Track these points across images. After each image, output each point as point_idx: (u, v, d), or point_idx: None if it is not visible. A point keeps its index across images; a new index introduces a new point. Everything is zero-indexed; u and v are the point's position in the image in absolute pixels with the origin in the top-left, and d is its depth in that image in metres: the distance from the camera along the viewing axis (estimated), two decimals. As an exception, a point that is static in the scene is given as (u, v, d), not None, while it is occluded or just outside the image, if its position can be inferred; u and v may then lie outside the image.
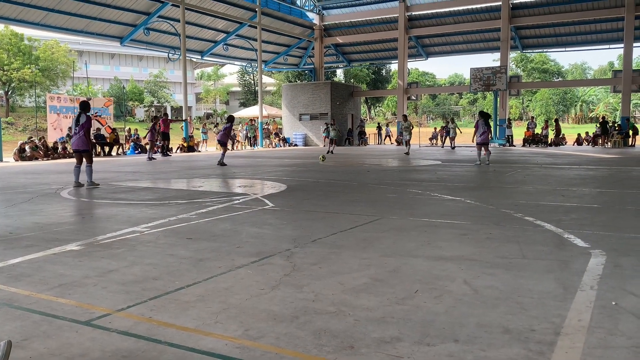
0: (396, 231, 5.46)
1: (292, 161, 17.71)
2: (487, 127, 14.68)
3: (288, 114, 35.40)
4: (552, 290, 3.43)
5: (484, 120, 14.74)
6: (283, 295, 3.37)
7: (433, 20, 33.60)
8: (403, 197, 8.23)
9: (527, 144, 29.45)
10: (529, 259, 4.26)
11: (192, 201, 7.94)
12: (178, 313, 3.08)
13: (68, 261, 4.33)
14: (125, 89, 46.76)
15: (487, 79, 30.16)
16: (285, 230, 5.57)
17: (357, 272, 3.90)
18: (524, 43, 33.89)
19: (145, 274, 3.92)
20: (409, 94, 34.94)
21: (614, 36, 30.79)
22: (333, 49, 38.12)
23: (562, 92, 65.23)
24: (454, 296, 3.33)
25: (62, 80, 42.74)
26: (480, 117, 14.98)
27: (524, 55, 62.78)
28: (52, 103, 23.09)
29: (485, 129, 14.63)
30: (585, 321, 2.87)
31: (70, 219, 6.66)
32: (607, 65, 69.50)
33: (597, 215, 6.34)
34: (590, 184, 9.94)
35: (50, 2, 22.96)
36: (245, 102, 61.66)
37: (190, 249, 4.73)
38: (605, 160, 16.50)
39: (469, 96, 71.82)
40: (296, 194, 8.80)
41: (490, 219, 6.09)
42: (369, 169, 14.25)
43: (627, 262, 4.10)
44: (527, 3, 30.61)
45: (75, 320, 2.97)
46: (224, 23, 30.66)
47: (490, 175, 11.91)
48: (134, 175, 12.79)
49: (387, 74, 67.79)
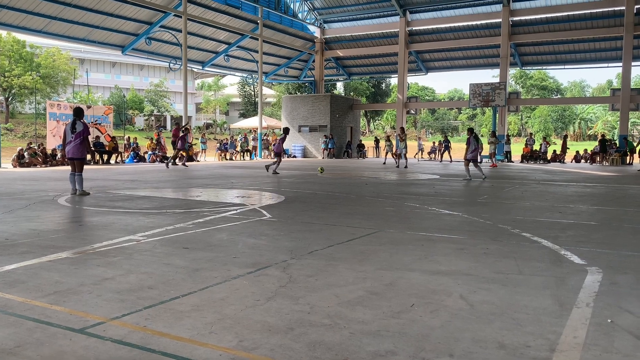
0: (393, 244, 5.46)
1: (290, 172, 17.72)
2: (477, 143, 15.01)
3: (287, 125, 35.46)
4: (548, 306, 3.43)
5: (475, 137, 15.03)
6: (278, 307, 3.36)
7: (433, 35, 33.85)
8: (401, 211, 8.23)
9: (525, 160, 29.54)
10: (525, 274, 4.25)
11: (189, 211, 7.93)
12: (173, 322, 3.06)
13: (63, 268, 4.31)
14: (125, 97, 46.88)
15: (486, 95, 30.30)
16: (282, 242, 5.56)
17: (353, 285, 3.89)
18: (523, 60, 34.13)
19: (140, 282, 3.91)
20: (408, 108, 35.09)
21: (613, 55, 31.03)
22: (333, 61, 38.34)
23: (560, 109, 65.56)
24: (450, 311, 3.32)
25: (63, 87, 42.85)
26: (469, 134, 15.18)
27: (523, 71, 63.22)
28: (52, 110, 23.14)
29: (477, 145, 14.96)
30: (581, 338, 2.87)
31: (67, 226, 6.65)
32: (605, 83, 70.02)
33: (594, 233, 6.35)
34: (588, 201, 9.95)
35: (53, 10, 23.12)
36: (245, 113, 61.81)
37: (186, 258, 4.72)
38: (602, 178, 16.54)
39: (468, 111, 72.10)
40: (294, 205, 8.80)
41: (487, 234, 6.10)
42: (367, 181, 14.26)
43: (624, 280, 4.10)
44: (527, 21, 30.87)
45: (70, 328, 2.95)
46: (225, 34, 30.86)
47: (488, 191, 11.93)
48: (132, 183, 12.78)
49: (386, 87, 68.05)
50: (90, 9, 24.10)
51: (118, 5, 24.59)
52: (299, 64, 38.73)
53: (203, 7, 27.82)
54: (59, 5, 22.91)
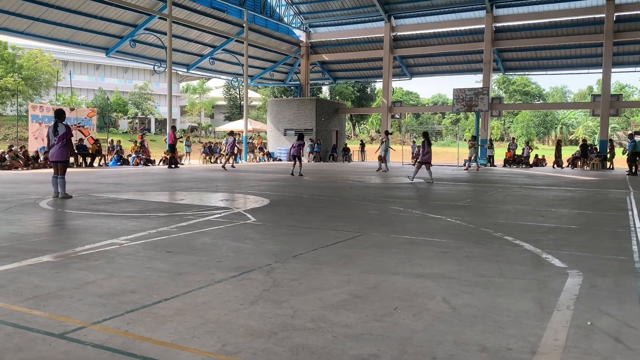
0: (377, 248, 5.48)
1: (275, 176, 17.69)
2: (430, 147, 15.81)
3: (273, 128, 35.47)
4: (530, 309, 3.46)
5: (428, 141, 15.78)
6: (262, 311, 3.35)
7: (418, 41, 34.08)
8: (385, 214, 8.27)
9: (508, 165, 29.84)
10: (507, 278, 4.30)
11: (173, 214, 7.88)
12: (155, 327, 3.04)
13: (44, 272, 4.26)
14: (109, 100, 46.45)
15: (469, 100, 30.58)
16: (266, 245, 5.55)
17: (337, 289, 3.89)
18: (506, 65, 34.51)
19: (122, 286, 3.87)
20: (393, 112, 35.29)
21: (593, 61, 31.51)
22: (319, 66, 38.41)
23: (542, 114, 66.52)
24: (433, 314, 3.34)
25: (46, 89, 42.36)
26: (424, 137, 15.96)
27: (506, 77, 63.99)
28: (34, 112, 22.84)
29: (429, 149, 15.74)
30: (561, 341, 2.90)
31: (48, 229, 6.56)
32: (586, 89, 71.15)
33: (575, 236, 6.44)
34: (569, 205, 10.09)
35: (36, 11, 22.84)
36: (230, 116, 61.64)
37: (169, 262, 4.68)
38: (583, 182, 16.77)
39: (452, 116, 72.71)
40: (279, 208, 8.78)
41: (470, 238, 6.15)
42: (352, 185, 14.29)
43: (603, 283, 4.16)
44: (509, 27, 31.23)
45: (49, 333, 2.91)
46: (211, 37, 30.75)
47: (471, 195, 12.03)
48: (115, 186, 12.66)
49: (372, 92, 68.44)
50: (74, 10, 23.84)
51: (102, 7, 24.37)
52: (285, 67, 38.73)
53: (188, 10, 27.70)
54: (42, 6, 22.63)
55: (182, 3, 27.01)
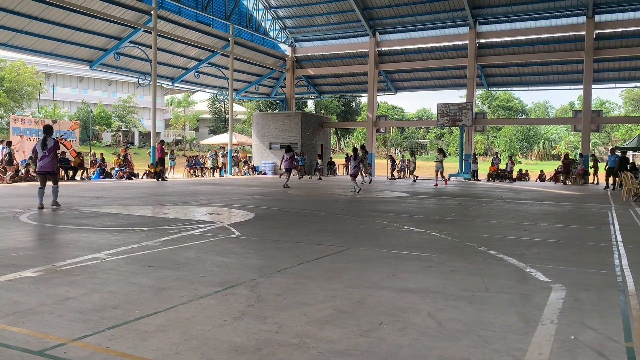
0: (362, 262, 5.47)
1: (260, 189, 17.64)
2: (356, 162, 17.20)
3: (258, 142, 35.44)
4: (514, 323, 3.47)
5: (355, 156, 17.37)
6: (246, 327, 3.32)
7: (402, 56, 34.45)
8: (370, 228, 8.27)
9: (491, 179, 30.12)
10: (491, 292, 4.31)
11: (156, 228, 7.80)
12: (137, 343, 2.99)
13: (23, 288, 4.17)
14: (92, 112, 46.11)
15: (453, 115, 30.89)
16: (250, 260, 5.51)
17: (322, 304, 3.87)
18: (489, 81, 35.00)
19: (104, 302, 3.81)
20: (377, 126, 35.50)
21: (575, 77, 32.11)
22: (304, 80, 38.60)
23: (525, 129, 67.50)
24: (418, 329, 3.34)
25: (28, 102, 41.93)
26: (354, 152, 17.72)
27: (490, 92, 64.93)
28: (15, 125, 22.57)
29: (356, 163, 17.17)
30: (545, 355, 2.91)
31: (29, 244, 6.45)
32: (568, 104, 72.34)
33: (558, 250, 6.49)
34: (552, 219, 10.19)
35: (19, 23, 22.66)
36: (215, 129, 61.53)
37: (152, 277, 4.62)
38: (566, 197, 16.97)
39: (436, 131, 73.40)
40: (263, 222, 8.74)
41: (454, 252, 6.17)
42: (337, 199, 14.30)
43: (586, 297, 4.19)
44: (493, 43, 31.73)
45: (28, 350, 2.85)
46: (196, 51, 30.76)
47: (455, 209, 12.09)
48: (98, 200, 12.52)
49: (357, 106, 68.85)
50: (58, 23, 23.71)
51: (87, 19, 24.27)
52: (270, 81, 38.83)
53: (173, 23, 27.71)
54: (25, 18, 22.46)
55: (167, 16, 27.02)
